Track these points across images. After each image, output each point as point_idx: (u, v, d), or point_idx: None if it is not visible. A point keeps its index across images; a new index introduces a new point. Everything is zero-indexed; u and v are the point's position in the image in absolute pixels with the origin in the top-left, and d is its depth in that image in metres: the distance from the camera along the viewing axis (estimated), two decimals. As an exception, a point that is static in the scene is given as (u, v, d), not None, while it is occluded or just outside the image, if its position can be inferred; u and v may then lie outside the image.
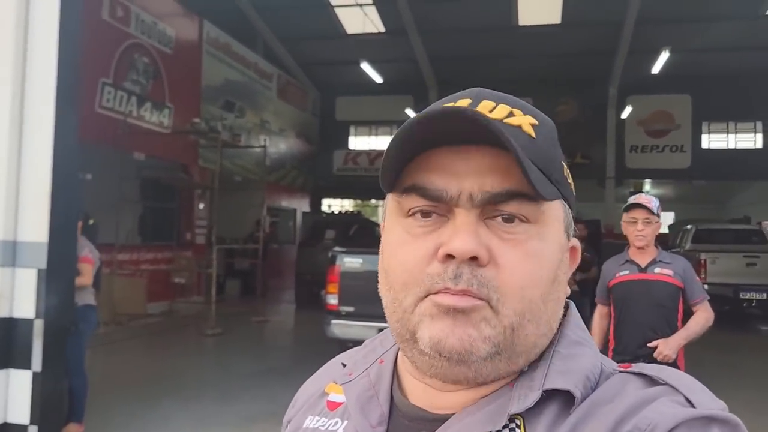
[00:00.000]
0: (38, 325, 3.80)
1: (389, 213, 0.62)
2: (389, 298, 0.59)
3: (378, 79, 16.89)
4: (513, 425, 0.54)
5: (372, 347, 0.72)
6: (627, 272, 3.33)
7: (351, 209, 23.33)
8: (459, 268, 0.53)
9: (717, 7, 14.70)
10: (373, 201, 27.47)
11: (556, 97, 18.30)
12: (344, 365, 0.72)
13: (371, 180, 21.15)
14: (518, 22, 16.25)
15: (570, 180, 0.62)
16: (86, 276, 4.67)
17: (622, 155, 19.11)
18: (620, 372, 0.58)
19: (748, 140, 19.15)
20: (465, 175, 0.55)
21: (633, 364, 0.59)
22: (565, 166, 0.61)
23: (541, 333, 0.57)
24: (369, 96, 20.16)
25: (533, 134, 0.57)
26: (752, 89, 17.97)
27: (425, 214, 0.57)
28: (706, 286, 11.39)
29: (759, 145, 18.89)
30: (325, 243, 13.40)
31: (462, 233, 0.54)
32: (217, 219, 11.20)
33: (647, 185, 20.53)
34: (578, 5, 15.25)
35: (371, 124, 21.60)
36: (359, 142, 21.78)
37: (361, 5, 15.94)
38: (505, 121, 0.57)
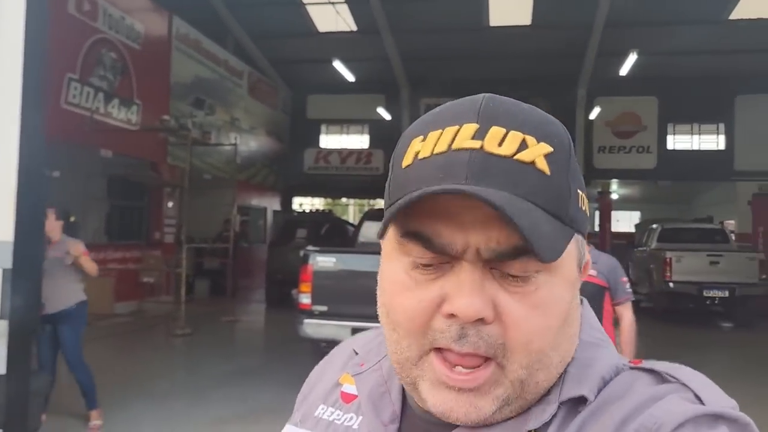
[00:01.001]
0: (2, 326, 3.71)
1: (389, 242, 0.58)
2: (392, 339, 0.57)
3: (350, 77, 16.86)
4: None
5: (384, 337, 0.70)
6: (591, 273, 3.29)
7: (322, 208, 23.27)
8: (464, 329, 0.52)
9: (683, 11, 15.01)
10: (344, 200, 27.46)
11: (526, 98, 17.48)
12: (356, 353, 0.71)
13: (342, 179, 21.11)
14: (489, 23, 16.38)
15: (586, 207, 0.58)
16: (93, 266, 5.09)
17: (590, 155, 19.40)
18: (630, 368, 0.57)
19: (711, 142, 19.60)
20: (471, 227, 0.52)
21: (644, 360, 0.58)
22: (581, 194, 0.57)
23: (552, 377, 0.55)
24: (340, 94, 20.11)
25: (547, 170, 0.53)
26: (715, 92, 18.40)
27: (427, 264, 0.54)
28: (671, 284, 11.76)
29: (721, 146, 19.35)
30: (297, 242, 13.34)
31: (467, 292, 0.51)
32: (187, 218, 11.05)
33: (614, 185, 20.88)
34: (548, 7, 15.43)
35: (343, 123, 21.55)
36: (330, 141, 21.70)
37: (333, 3, 15.89)
38: (516, 157, 0.52)
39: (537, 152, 0.53)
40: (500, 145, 0.53)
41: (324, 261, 5.71)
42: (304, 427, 0.69)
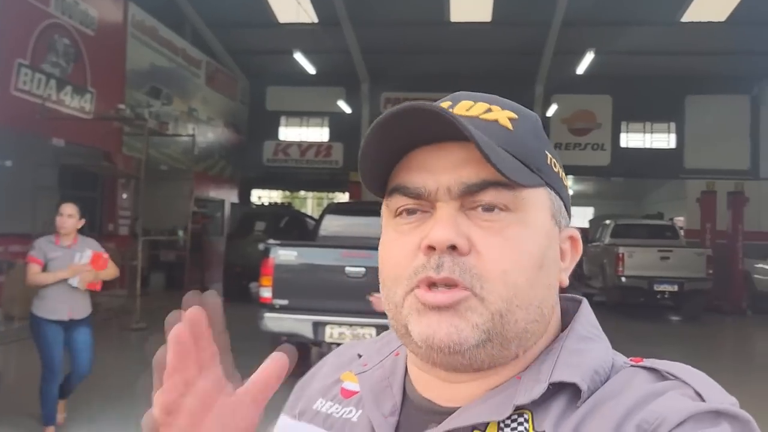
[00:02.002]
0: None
1: (383, 216, 0.64)
2: (384, 294, 0.61)
3: (311, 69, 16.73)
4: (521, 419, 0.55)
5: (387, 340, 0.73)
6: None
7: (281, 201, 23.07)
8: (440, 258, 0.55)
9: (637, 11, 15.37)
10: (302, 193, 27.26)
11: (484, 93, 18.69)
12: (360, 356, 0.73)
13: (302, 172, 20.98)
14: (450, 18, 16.47)
15: (558, 169, 0.63)
16: (114, 269, 4.84)
17: (547, 152, 19.75)
18: (630, 366, 0.58)
19: (662, 140, 20.17)
20: (442, 170, 0.57)
21: (644, 359, 0.59)
22: (551, 156, 0.63)
23: (531, 319, 0.57)
24: (300, 87, 19.93)
25: (510, 127, 0.59)
26: (667, 91, 18.94)
27: (410, 212, 0.60)
28: (623, 279, 12.09)
29: (672, 145, 19.94)
30: (255, 235, 13.23)
31: (440, 224, 0.56)
32: (142, 209, 10.81)
33: (570, 181, 21.32)
34: (508, 4, 15.60)
35: (302, 115, 21.38)
36: (290, 133, 21.52)
37: (294, -6, 15.73)
38: (481, 116, 0.60)
39: (500, 114, 0.60)
40: (468, 110, 0.61)
41: (285, 254, 5.68)
42: (302, 419, 0.70)
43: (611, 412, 0.52)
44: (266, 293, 5.63)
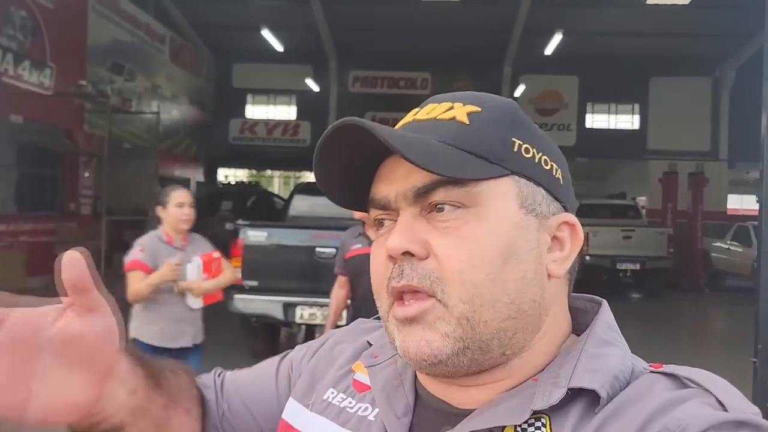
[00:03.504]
0: None
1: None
2: (378, 306, 0.62)
3: (278, 47, 16.48)
4: (539, 424, 0.54)
5: None
6: (359, 246, 3.36)
7: (248, 180, 22.83)
8: (400, 266, 0.56)
9: (605, -7, 15.50)
10: (269, 172, 27.03)
11: (454, 73, 18.68)
12: (370, 344, 0.72)
13: (269, 150, 20.75)
14: (420, -4, 16.37)
15: (532, 155, 0.60)
16: (231, 274, 3.81)
17: (513, 132, 19.90)
18: (650, 372, 0.57)
19: (626, 121, 20.51)
20: (398, 179, 0.58)
21: (664, 365, 0.57)
22: (521, 143, 0.59)
23: (504, 317, 0.55)
24: (267, 64, 19.64)
25: (467, 121, 0.58)
26: (632, 73, 19.21)
27: (381, 222, 0.61)
28: (587, 258, 12.32)
29: (636, 126, 20.29)
30: (222, 214, 13.09)
31: (395, 232, 0.57)
32: (105, 188, 10.58)
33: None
34: (477, -17, 15.58)
35: (270, 93, 21.10)
36: (257, 111, 21.24)
37: (260, -32, 15.42)
38: (438, 117, 0.59)
39: (459, 111, 0.59)
40: (428, 113, 0.61)
41: (255, 235, 5.63)
42: (313, 410, 0.68)
43: (631, 420, 0.51)
44: (236, 274, 5.58)
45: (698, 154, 18.34)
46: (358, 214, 3.32)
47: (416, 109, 0.63)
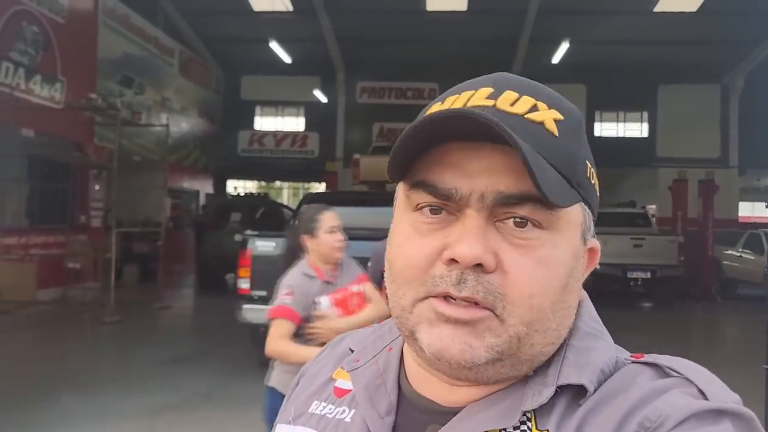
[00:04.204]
0: None
1: (398, 203, 0.60)
2: (391, 290, 0.58)
3: (286, 59, 16.59)
4: (524, 418, 0.53)
5: (380, 333, 0.70)
6: None
7: (256, 191, 22.91)
8: (463, 274, 0.52)
9: (612, 1, 15.52)
10: (278, 183, 27.11)
11: (460, 83, 18.75)
12: (352, 350, 0.70)
13: (277, 162, 20.85)
14: (426, 7, 16.44)
15: (594, 180, 0.59)
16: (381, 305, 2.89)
17: (522, 141, 19.91)
18: (632, 362, 0.57)
19: (635, 129, 20.45)
20: (477, 174, 0.53)
21: (645, 354, 0.57)
22: (590, 166, 0.58)
23: (547, 342, 0.55)
24: (275, 76, 19.79)
25: (556, 132, 0.54)
26: (640, 81, 19.18)
27: (434, 210, 0.55)
28: (598, 266, 12.21)
29: (645, 134, 20.22)
30: (231, 226, 13.11)
31: (469, 237, 0.52)
32: (115, 201, 10.65)
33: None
34: (484, -6, 15.64)
35: (278, 105, 21.22)
36: (265, 123, 21.35)
37: (268, -18, 15.56)
38: (526, 116, 0.54)
39: (547, 115, 0.55)
40: (512, 105, 0.55)
41: (263, 245, 5.64)
42: (297, 423, 0.68)
43: (614, 410, 0.51)
44: (244, 284, 5.60)
45: (708, 162, 18.25)
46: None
47: (487, 87, 0.57)
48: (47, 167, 11.31)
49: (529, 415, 0.53)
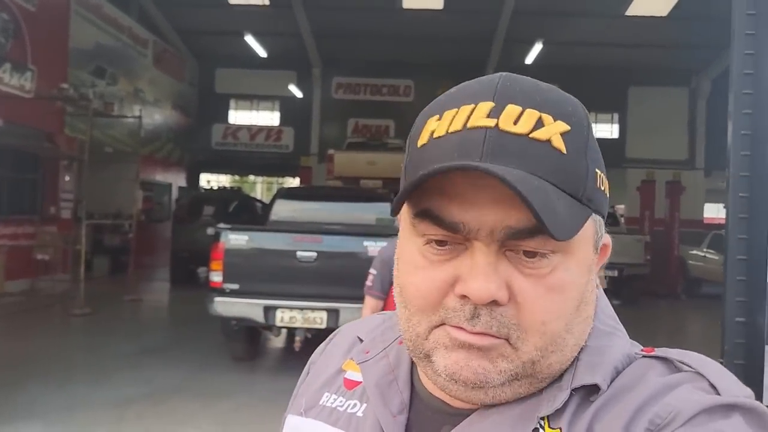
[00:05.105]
0: None
1: (403, 222, 0.59)
2: (404, 316, 0.57)
3: (262, 52, 16.52)
4: (538, 421, 0.53)
5: (391, 324, 0.68)
6: None
7: (230, 185, 22.77)
8: (477, 309, 0.51)
9: (585, 3, 15.74)
10: (252, 177, 26.99)
11: (437, 81, 18.79)
12: (361, 340, 0.70)
13: (251, 156, 20.74)
14: (402, 5, 16.50)
15: (604, 186, 0.57)
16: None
17: (495, 140, 20.08)
18: (643, 356, 0.57)
19: (605, 130, 20.78)
20: (485, 207, 0.51)
21: (656, 348, 0.57)
22: (599, 173, 0.56)
23: (567, 359, 0.55)
24: (251, 69, 19.65)
25: (564, 148, 0.52)
26: (611, 83, 19.49)
27: (440, 242, 0.53)
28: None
29: (615, 135, 20.58)
30: (203, 219, 13.05)
31: (481, 275, 0.51)
32: (86, 192, 10.54)
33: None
34: (460, -8, 15.75)
35: (253, 99, 21.10)
36: (240, 117, 21.22)
37: (244, -25, 15.47)
38: (531, 135, 0.51)
39: (553, 131, 0.52)
40: (515, 123, 0.52)
41: (236, 239, 5.67)
42: (309, 416, 0.67)
43: (624, 406, 0.51)
44: (216, 277, 5.62)
45: (675, 163, 18.63)
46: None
47: (488, 102, 0.53)
48: (16, 157, 11.13)
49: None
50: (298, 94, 19.96)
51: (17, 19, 10.65)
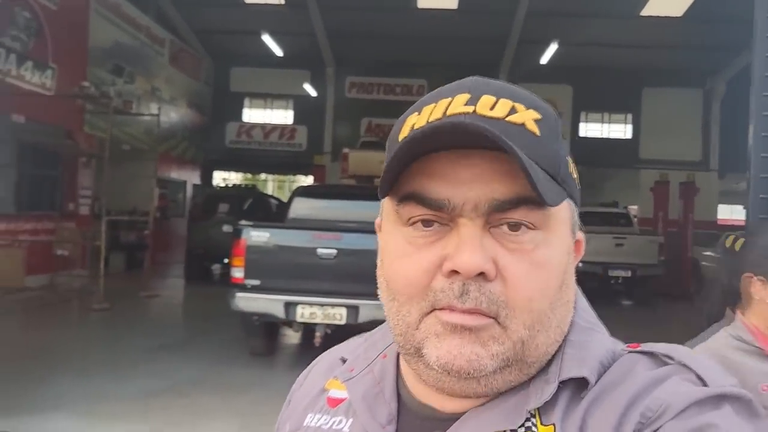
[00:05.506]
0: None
1: (387, 218, 0.59)
2: (392, 309, 0.57)
3: (279, 52, 16.64)
4: (528, 415, 0.54)
5: (373, 341, 0.69)
6: None
7: (244, 183, 22.91)
8: (465, 285, 0.51)
9: (600, 4, 15.74)
10: (263, 175, 27.15)
11: (450, 81, 18.60)
12: (344, 360, 0.70)
13: (265, 154, 20.89)
14: (417, 5, 16.56)
15: (575, 174, 0.60)
16: None
17: (508, 140, 20.10)
18: (629, 352, 0.57)
19: (619, 131, 20.76)
20: (469, 183, 0.52)
21: (641, 344, 0.58)
22: (570, 162, 0.59)
23: (552, 341, 0.55)
24: (265, 68, 19.81)
25: (537, 131, 0.54)
26: (625, 83, 19.48)
27: (426, 223, 0.54)
28: (580, 264, 12.43)
29: (629, 135, 20.55)
30: (218, 217, 13.19)
31: (468, 247, 0.51)
32: (105, 189, 10.68)
33: (530, 169, 21.76)
34: (475, -8, 15.80)
35: (267, 97, 21.24)
36: (254, 115, 21.37)
37: (260, -26, 15.59)
38: (507, 119, 0.53)
39: (526, 116, 0.54)
40: (492, 109, 0.54)
41: (257, 235, 5.77)
42: None
43: (615, 401, 0.52)
44: (238, 273, 5.72)
45: (689, 164, 18.59)
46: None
47: (464, 93, 0.55)
48: (38, 154, 11.31)
49: (533, 411, 0.54)
50: (312, 93, 20.08)
51: (39, 17, 10.82)
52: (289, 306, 5.66)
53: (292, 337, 7.66)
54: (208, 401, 5.19)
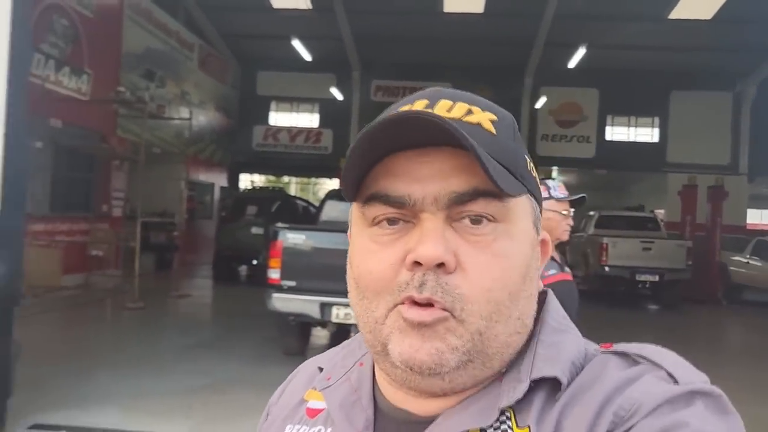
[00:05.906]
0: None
1: (354, 222, 0.61)
2: (361, 308, 0.58)
3: (307, 56, 16.83)
4: (503, 417, 0.54)
5: (350, 349, 0.70)
6: (554, 272, 2.66)
7: (271, 185, 23.17)
8: (425, 276, 0.52)
9: (628, 7, 15.67)
10: (286, 178, 27.42)
11: (474, 84, 18.87)
12: (321, 369, 0.70)
13: (290, 157, 21.11)
14: (443, 9, 16.63)
15: (535, 174, 0.62)
16: None
17: (533, 143, 20.09)
18: (602, 352, 0.58)
19: (645, 134, 20.61)
20: (428, 179, 0.54)
21: (614, 344, 0.59)
22: (529, 161, 0.61)
23: (511, 331, 0.56)
24: (292, 72, 20.02)
25: (493, 131, 0.56)
26: (653, 86, 19.34)
27: (391, 221, 0.56)
28: (607, 269, 12.44)
29: (655, 139, 20.38)
30: (247, 219, 13.40)
31: (429, 239, 0.52)
32: (139, 191, 10.94)
33: (555, 172, 21.71)
34: (501, -4, 15.83)
35: (293, 101, 21.47)
36: (280, 118, 21.61)
37: (288, -20, 15.79)
38: (464, 119, 0.56)
39: (483, 117, 0.57)
40: (449, 111, 0.57)
41: (293, 238, 5.90)
42: None
43: (589, 402, 0.52)
44: (274, 274, 5.86)
45: (718, 168, 18.40)
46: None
47: (423, 100, 0.59)
48: (73, 157, 11.61)
49: (508, 414, 0.54)
50: (338, 96, 20.26)
51: (76, 24, 11.12)
52: (325, 306, 5.78)
53: (321, 337, 7.79)
54: (246, 398, 5.32)
